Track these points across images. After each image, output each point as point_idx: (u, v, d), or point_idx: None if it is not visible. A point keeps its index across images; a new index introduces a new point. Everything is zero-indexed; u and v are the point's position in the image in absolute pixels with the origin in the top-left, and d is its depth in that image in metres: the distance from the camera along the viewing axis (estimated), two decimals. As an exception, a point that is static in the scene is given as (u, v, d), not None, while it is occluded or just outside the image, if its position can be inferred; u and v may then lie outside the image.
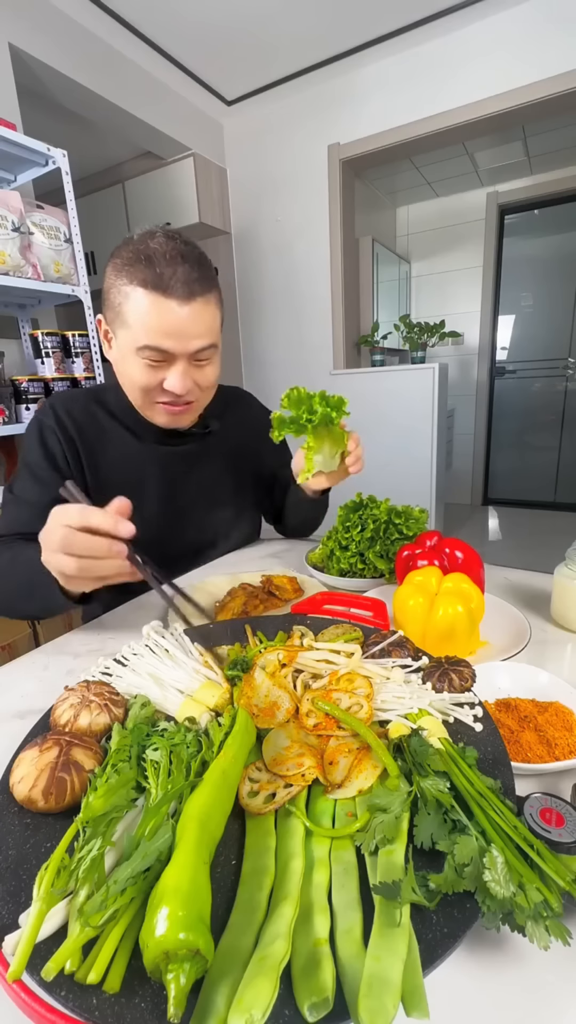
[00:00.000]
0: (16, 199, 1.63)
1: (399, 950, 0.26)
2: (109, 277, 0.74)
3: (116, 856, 0.32)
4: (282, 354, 3.26)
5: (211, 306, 0.75)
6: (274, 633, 0.58)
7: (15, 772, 0.37)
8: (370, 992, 0.24)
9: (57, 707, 0.44)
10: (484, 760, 0.38)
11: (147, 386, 0.77)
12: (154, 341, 0.72)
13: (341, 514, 0.80)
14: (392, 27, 2.33)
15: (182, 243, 0.73)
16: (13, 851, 0.33)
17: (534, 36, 2.23)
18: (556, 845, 0.32)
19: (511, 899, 0.27)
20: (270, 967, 0.25)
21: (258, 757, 0.40)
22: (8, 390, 1.81)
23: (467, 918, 0.28)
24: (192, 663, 0.51)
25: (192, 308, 0.72)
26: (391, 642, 0.52)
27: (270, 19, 2.22)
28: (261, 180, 3.05)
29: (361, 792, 0.36)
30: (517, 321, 4.10)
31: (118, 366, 0.81)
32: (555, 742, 0.44)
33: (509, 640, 0.62)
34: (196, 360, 0.77)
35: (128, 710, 0.45)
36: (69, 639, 0.72)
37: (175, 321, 0.71)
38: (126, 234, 0.75)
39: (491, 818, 0.32)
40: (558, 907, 0.28)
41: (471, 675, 0.46)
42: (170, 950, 0.25)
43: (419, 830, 0.32)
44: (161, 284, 0.70)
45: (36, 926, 0.27)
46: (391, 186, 3.71)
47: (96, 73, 2.26)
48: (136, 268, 0.70)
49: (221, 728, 0.41)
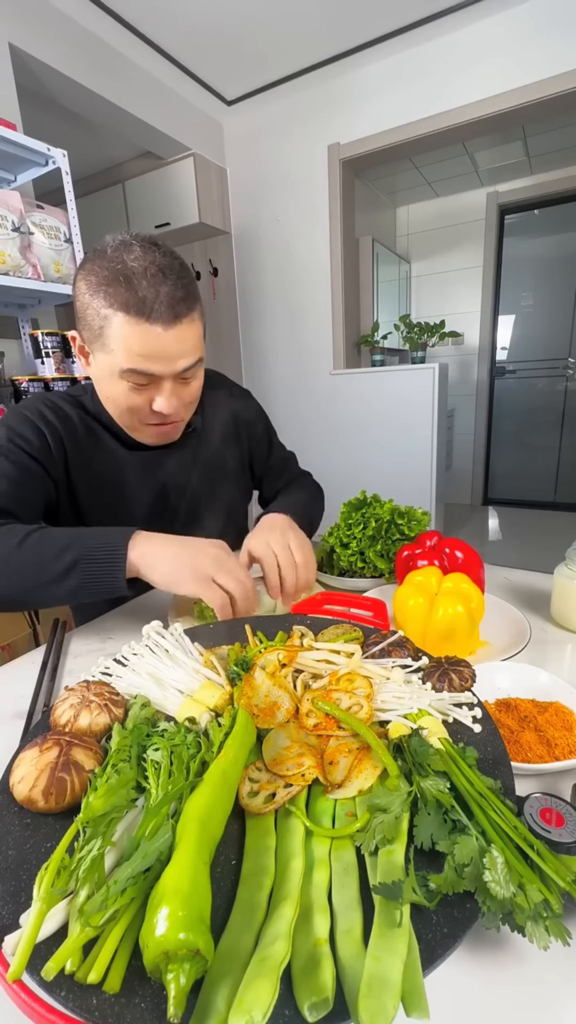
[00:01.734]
0: (16, 199, 1.62)
1: (399, 950, 0.26)
2: (83, 295, 0.68)
3: (116, 856, 0.32)
4: (282, 354, 3.26)
5: (195, 323, 0.71)
6: (274, 633, 0.57)
7: (15, 772, 0.37)
8: (370, 992, 0.24)
9: (57, 707, 0.44)
10: (484, 760, 0.38)
11: (133, 408, 0.74)
12: (139, 366, 0.68)
13: (344, 511, 0.80)
14: (392, 27, 2.34)
15: (161, 255, 0.68)
16: (13, 851, 0.33)
17: (534, 36, 2.23)
18: (556, 845, 0.31)
19: (511, 899, 0.27)
20: (270, 968, 0.25)
21: (258, 757, 0.40)
22: (8, 390, 1.81)
23: (467, 918, 0.28)
24: (192, 663, 0.51)
25: (177, 331, 0.68)
26: (391, 642, 0.52)
27: (270, 19, 2.22)
28: (261, 180, 3.05)
29: (361, 792, 0.36)
30: (517, 321, 4.10)
31: (99, 384, 0.76)
32: (555, 742, 0.44)
33: (509, 640, 0.62)
34: (182, 378, 0.74)
35: (128, 710, 0.45)
36: (69, 639, 0.72)
37: (160, 346, 0.67)
38: (99, 243, 0.68)
39: (491, 818, 0.32)
40: (558, 907, 0.28)
41: (471, 675, 0.46)
42: (170, 950, 0.25)
43: (419, 830, 0.32)
44: (144, 309, 0.65)
45: (36, 926, 0.27)
46: (391, 186, 3.71)
47: (96, 73, 2.26)
48: (115, 289, 0.65)
49: (221, 728, 0.41)
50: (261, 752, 0.40)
